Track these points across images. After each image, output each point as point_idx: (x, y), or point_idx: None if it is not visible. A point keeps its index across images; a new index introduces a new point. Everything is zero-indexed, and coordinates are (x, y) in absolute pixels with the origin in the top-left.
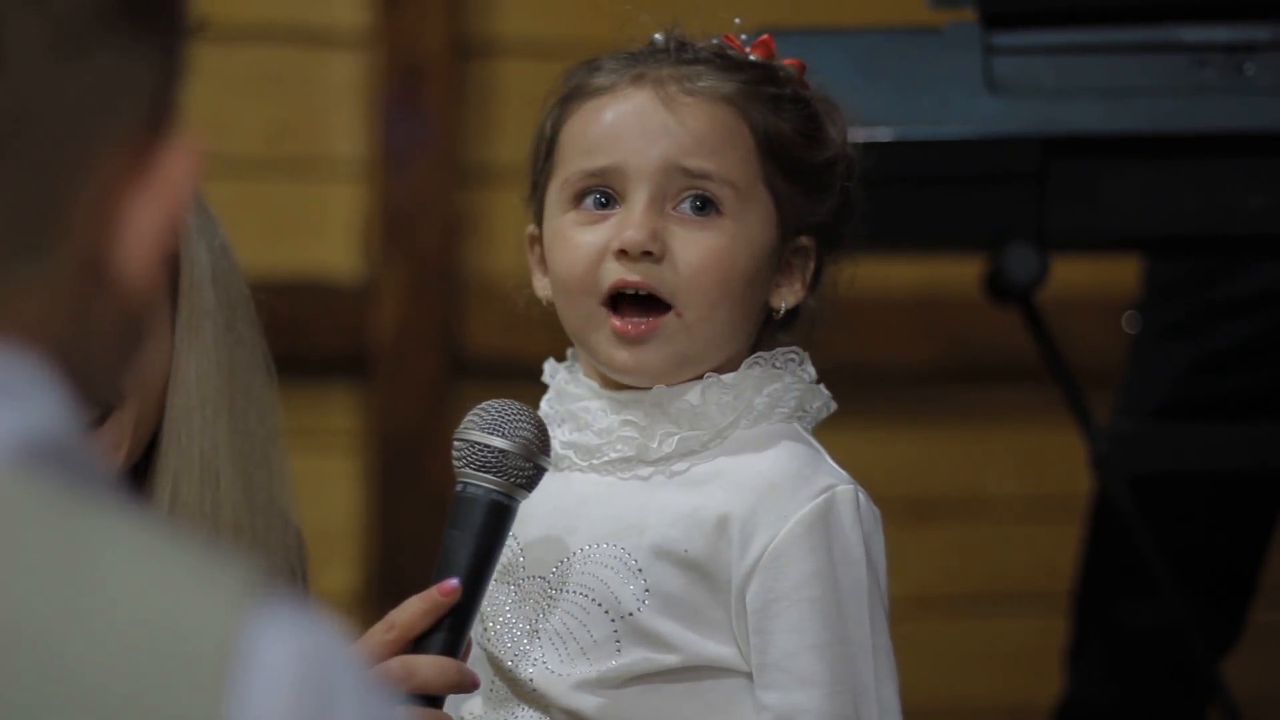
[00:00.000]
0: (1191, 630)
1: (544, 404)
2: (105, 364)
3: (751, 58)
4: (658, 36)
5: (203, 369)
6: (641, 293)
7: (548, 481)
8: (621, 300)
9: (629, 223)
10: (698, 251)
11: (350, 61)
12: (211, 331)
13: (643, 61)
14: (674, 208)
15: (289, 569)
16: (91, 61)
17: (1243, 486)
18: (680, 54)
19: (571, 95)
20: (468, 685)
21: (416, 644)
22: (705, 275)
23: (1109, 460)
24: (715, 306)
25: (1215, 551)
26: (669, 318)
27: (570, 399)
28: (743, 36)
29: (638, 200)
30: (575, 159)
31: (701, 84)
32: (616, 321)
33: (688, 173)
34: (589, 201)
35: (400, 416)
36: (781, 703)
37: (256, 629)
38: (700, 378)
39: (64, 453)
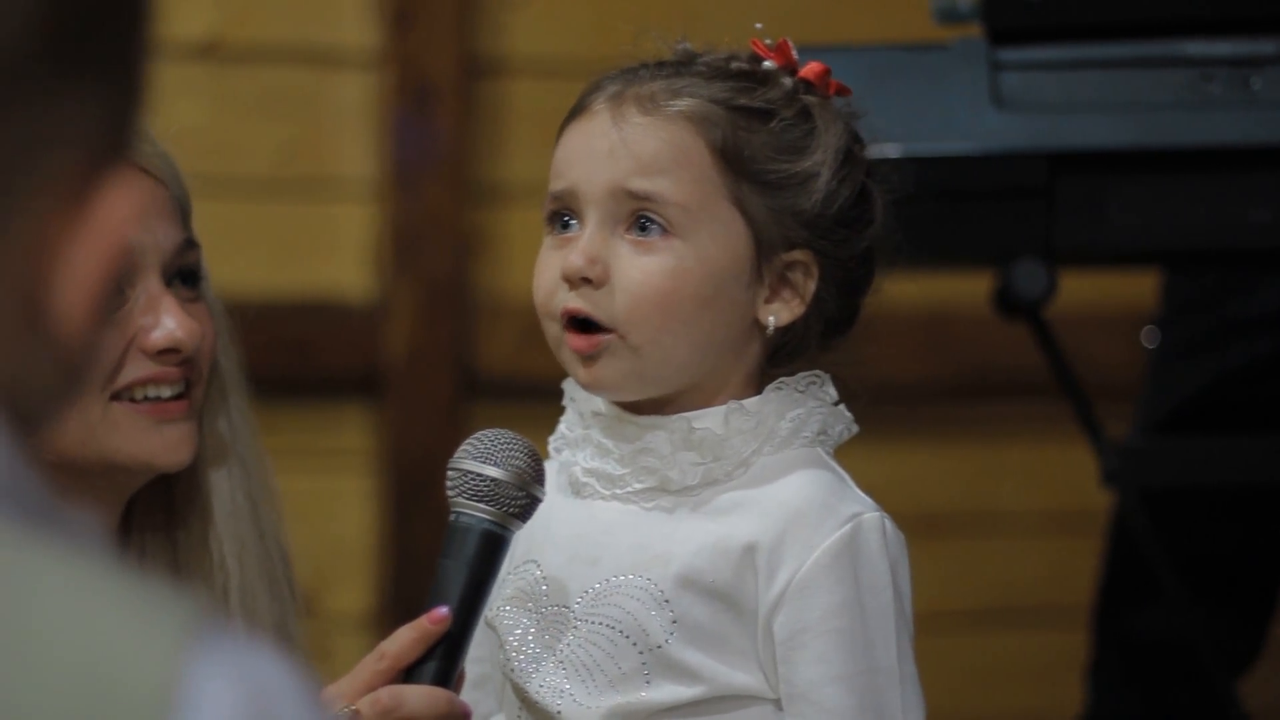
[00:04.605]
0: (1205, 645)
1: (562, 426)
2: (42, 405)
3: (741, 67)
4: (685, 46)
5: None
6: (589, 322)
7: (570, 508)
8: (580, 325)
9: (574, 248)
10: (635, 276)
11: (360, 82)
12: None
13: (632, 77)
14: (625, 230)
15: (291, 589)
16: (22, 108)
17: (1261, 500)
18: (676, 67)
19: (569, 114)
20: (458, 715)
21: (408, 674)
22: (642, 300)
23: (1119, 475)
24: (661, 330)
25: (1234, 566)
26: (611, 337)
27: (589, 422)
28: (767, 41)
29: (589, 224)
30: (551, 181)
31: (662, 101)
32: (571, 338)
33: (633, 195)
34: (557, 224)
35: (412, 436)
36: None
37: (197, 671)
38: (680, 399)
39: (5, 491)
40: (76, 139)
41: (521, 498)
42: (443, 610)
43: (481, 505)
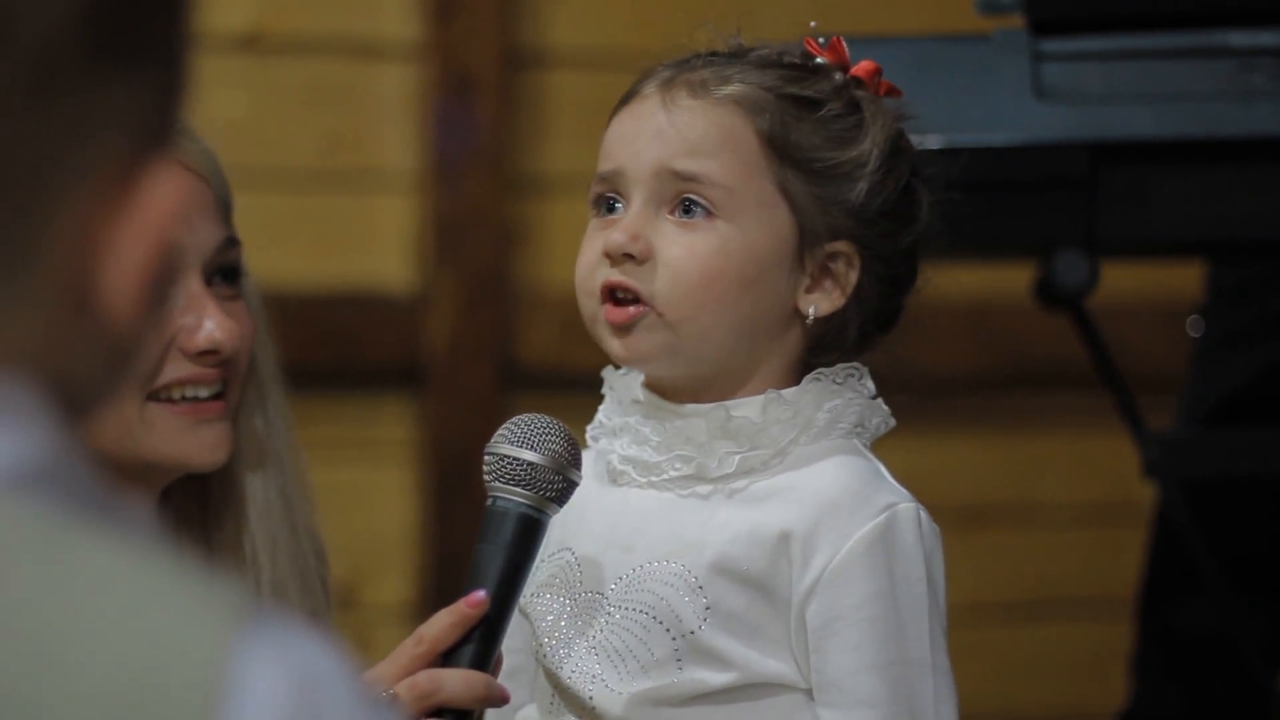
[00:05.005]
0: (1246, 638)
1: (600, 414)
2: (90, 393)
3: (792, 60)
4: (738, 41)
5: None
6: (627, 297)
7: (606, 495)
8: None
9: (617, 226)
10: (678, 253)
11: (401, 73)
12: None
13: (684, 65)
14: (670, 211)
15: (324, 586)
16: (64, 97)
17: None
18: (729, 57)
19: (621, 99)
20: (496, 699)
21: (446, 658)
22: (685, 277)
23: (1161, 466)
24: (700, 308)
25: (1277, 559)
26: (648, 309)
27: (628, 410)
28: (820, 40)
29: (633, 204)
30: (599, 163)
31: (712, 86)
32: (608, 309)
33: (678, 175)
34: (602, 208)
35: (453, 427)
36: None
37: (244, 658)
38: (716, 385)
39: (54, 477)
40: (120, 128)
41: (558, 482)
42: (480, 594)
43: (518, 490)
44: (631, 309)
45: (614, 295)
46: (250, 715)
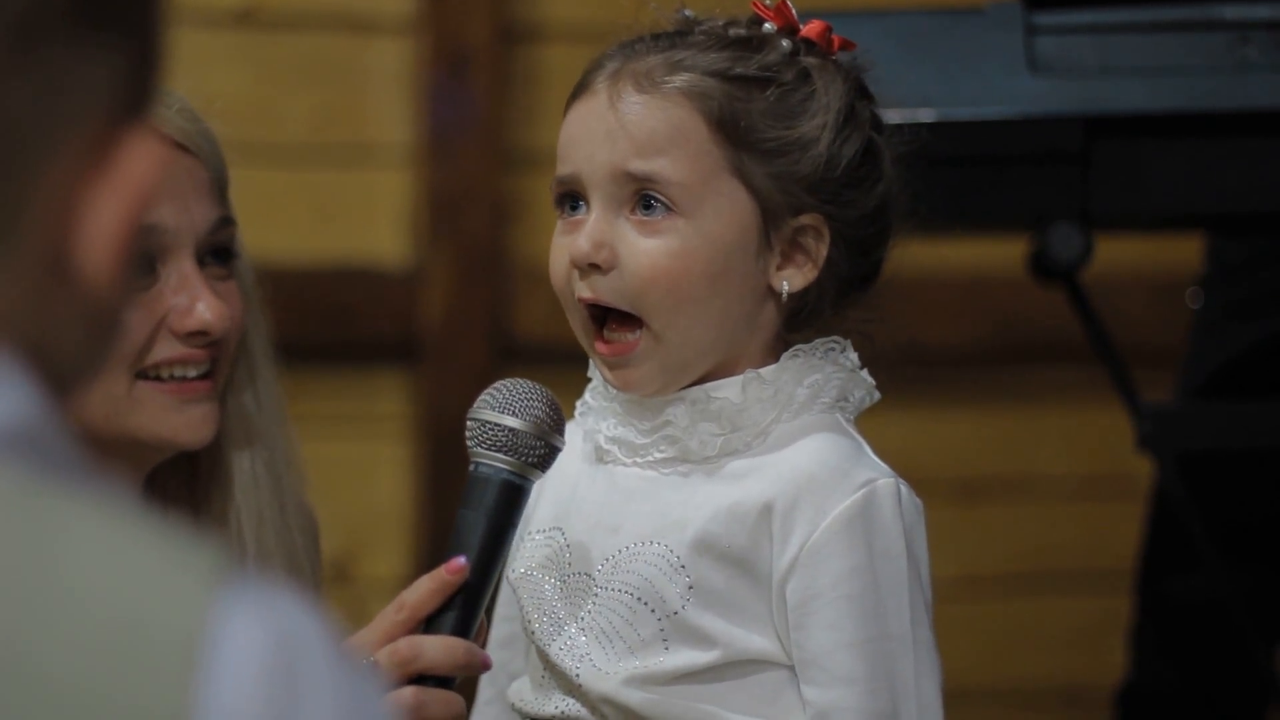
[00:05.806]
0: (1241, 610)
1: (587, 394)
2: (73, 356)
3: (739, 33)
4: (685, 14)
5: (254, 397)
6: (614, 333)
7: (595, 476)
8: (602, 311)
9: (581, 232)
10: (642, 260)
11: (396, 48)
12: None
13: (630, 52)
14: (630, 211)
15: (311, 562)
16: (45, 60)
17: None
18: (674, 38)
19: (572, 93)
20: (477, 666)
21: (428, 624)
22: (652, 283)
23: (1154, 438)
24: (675, 311)
25: (1273, 531)
26: (643, 336)
27: (613, 394)
28: (767, 1)
29: (594, 209)
30: (556, 165)
31: (658, 77)
32: (600, 344)
33: (633, 176)
34: (565, 207)
35: (449, 401)
36: (820, 699)
37: (224, 616)
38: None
39: (33, 441)
40: (99, 95)
41: (540, 448)
42: (460, 560)
43: (501, 455)
44: (628, 342)
45: (596, 310)
46: (229, 671)
